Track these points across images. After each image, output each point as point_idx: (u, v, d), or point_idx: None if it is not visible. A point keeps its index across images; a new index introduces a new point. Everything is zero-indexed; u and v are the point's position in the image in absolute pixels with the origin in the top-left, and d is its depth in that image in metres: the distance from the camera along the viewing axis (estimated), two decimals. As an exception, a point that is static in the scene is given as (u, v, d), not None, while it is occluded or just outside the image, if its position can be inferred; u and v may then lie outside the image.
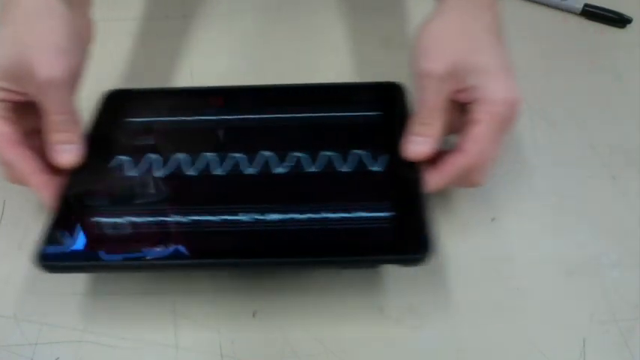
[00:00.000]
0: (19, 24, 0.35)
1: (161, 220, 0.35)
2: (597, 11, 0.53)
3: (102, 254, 0.33)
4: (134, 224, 0.34)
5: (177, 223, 0.34)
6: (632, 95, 0.48)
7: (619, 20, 0.53)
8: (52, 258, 0.33)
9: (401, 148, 0.36)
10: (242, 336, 0.35)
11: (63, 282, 0.37)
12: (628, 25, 0.53)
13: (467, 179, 0.36)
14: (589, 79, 0.49)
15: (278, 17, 0.55)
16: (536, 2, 0.55)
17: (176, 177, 0.37)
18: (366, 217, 0.34)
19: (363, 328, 0.36)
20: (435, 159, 0.36)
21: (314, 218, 0.34)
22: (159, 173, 0.37)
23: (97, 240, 0.34)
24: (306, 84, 0.43)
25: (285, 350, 0.35)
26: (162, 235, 0.34)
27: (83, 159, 0.37)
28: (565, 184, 0.42)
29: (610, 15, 0.53)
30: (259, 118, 0.40)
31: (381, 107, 0.40)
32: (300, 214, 0.34)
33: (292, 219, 0.34)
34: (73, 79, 0.36)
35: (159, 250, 0.33)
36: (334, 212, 0.34)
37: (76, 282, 0.37)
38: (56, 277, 0.38)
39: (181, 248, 0.33)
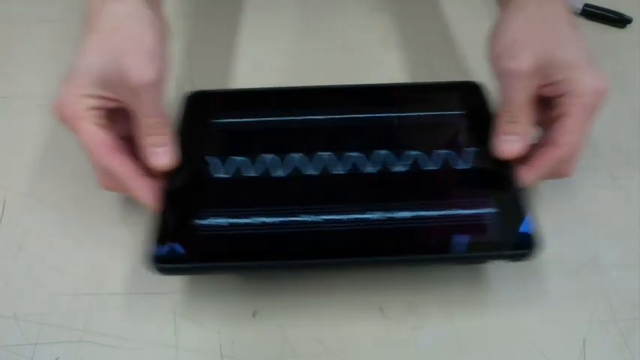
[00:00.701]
0: (110, 31, 0.35)
1: (263, 221, 0.35)
2: (597, 11, 0.53)
3: (211, 255, 0.34)
4: (239, 225, 0.35)
5: (279, 223, 0.35)
6: (632, 95, 0.48)
7: (619, 20, 0.53)
8: (166, 260, 0.33)
9: (492, 147, 0.37)
10: (242, 336, 0.35)
11: (63, 282, 0.38)
12: (628, 25, 0.53)
13: (558, 171, 0.37)
14: (589, 79, 0.49)
15: (278, 16, 0.55)
16: (536, 2, 0.55)
17: (266, 178, 0.37)
18: (470, 214, 0.35)
19: (363, 328, 0.36)
20: (524, 154, 0.37)
21: (422, 216, 0.35)
22: (251, 174, 0.37)
23: (206, 241, 0.34)
24: (387, 84, 0.44)
25: (285, 350, 0.35)
26: (267, 235, 0.34)
27: (177, 161, 0.37)
28: (565, 184, 0.42)
29: (610, 15, 0.53)
30: (344, 117, 0.40)
31: (463, 106, 0.41)
32: (408, 212, 0.35)
33: (400, 217, 0.35)
34: (162, 81, 0.36)
35: (268, 250, 0.34)
36: (440, 210, 0.35)
37: (76, 282, 0.37)
38: (55, 277, 0.38)
39: (288, 248, 0.34)
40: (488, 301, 0.37)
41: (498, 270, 0.38)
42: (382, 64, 0.50)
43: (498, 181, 0.36)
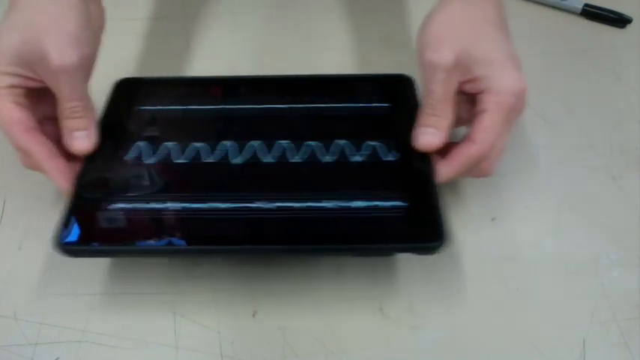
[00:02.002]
0: (32, 10, 0.35)
1: (176, 207, 0.35)
2: (597, 11, 0.53)
3: (117, 239, 0.34)
4: (148, 210, 0.35)
5: (191, 209, 0.35)
6: (632, 95, 0.48)
7: (619, 20, 0.53)
8: (72, 242, 0.33)
9: (412, 139, 0.37)
10: (242, 336, 0.35)
11: (63, 282, 0.38)
12: (628, 25, 0.53)
13: (477, 169, 0.37)
14: (589, 79, 0.49)
15: (279, 16, 0.55)
16: (536, 2, 0.55)
17: (188, 165, 0.37)
18: (381, 206, 0.35)
19: (363, 328, 0.36)
20: (445, 150, 0.36)
21: (330, 207, 0.34)
22: (171, 160, 0.37)
23: (114, 225, 0.34)
24: (316, 75, 0.44)
25: (285, 350, 0.35)
26: (176, 221, 0.34)
27: (97, 146, 0.37)
28: (565, 184, 0.42)
29: (610, 15, 0.53)
30: (270, 107, 0.41)
31: (390, 98, 0.41)
32: (316, 202, 0.35)
33: (308, 207, 0.34)
34: (85, 66, 0.36)
35: (170, 237, 0.34)
36: (349, 201, 0.35)
37: (76, 282, 0.38)
38: (55, 277, 0.38)
39: (195, 235, 0.34)
40: (487, 301, 0.37)
41: (498, 270, 0.38)
42: (383, 64, 0.50)
43: (416, 175, 0.36)
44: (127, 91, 0.42)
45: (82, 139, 0.36)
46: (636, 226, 0.40)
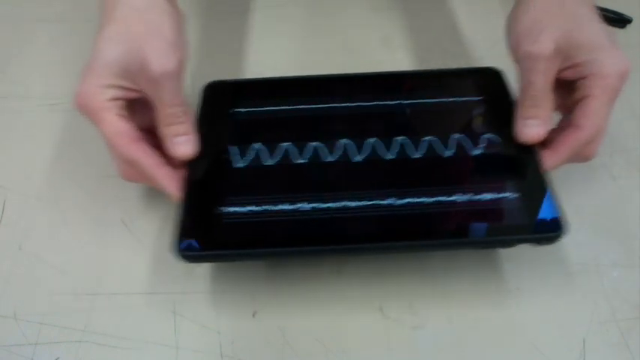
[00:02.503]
0: (129, 21, 0.35)
1: (285, 209, 0.35)
2: (597, 11, 0.53)
3: (234, 243, 0.34)
4: (261, 213, 0.35)
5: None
6: (632, 95, 0.48)
7: (619, 20, 0.53)
8: (191, 248, 0.33)
9: (514, 132, 0.37)
10: (242, 336, 0.35)
11: (63, 282, 0.38)
12: (628, 25, 0.53)
13: (581, 154, 0.37)
14: (589, 79, 0.49)
15: (279, 16, 0.55)
16: (536, 2, 0.55)
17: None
18: (500, 198, 0.35)
19: (363, 328, 0.36)
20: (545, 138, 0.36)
21: (453, 200, 0.35)
22: (272, 162, 0.37)
23: (229, 229, 0.34)
24: (405, 71, 0.45)
25: (285, 350, 0.35)
26: (295, 222, 0.34)
27: (199, 150, 0.37)
28: (565, 184, 0.42)
29: (610, 15, 0.53)
30: (373, 104, 0.40)
31: (483, 92, 0.41)
32: (439, 196, 0.35)
33: (435, 202, 0.35)
34: (183, 70, 0.36)
35: (293, 237, 0.34)
36: (469, 194, 0.35)
37: (76, 282, 0.38)
38: (55, 277, 0.38)
39: (312, 235, 0.34)
40: (487, 301, 0.37)
41: (497, 270, 0.38)
42: (384, 64, 0.50)
43: (522, 166, 0.36)
44: (218, 93, 0.42)
45: (186, 144, 0.36)
46: (636, 226, 0.40)
